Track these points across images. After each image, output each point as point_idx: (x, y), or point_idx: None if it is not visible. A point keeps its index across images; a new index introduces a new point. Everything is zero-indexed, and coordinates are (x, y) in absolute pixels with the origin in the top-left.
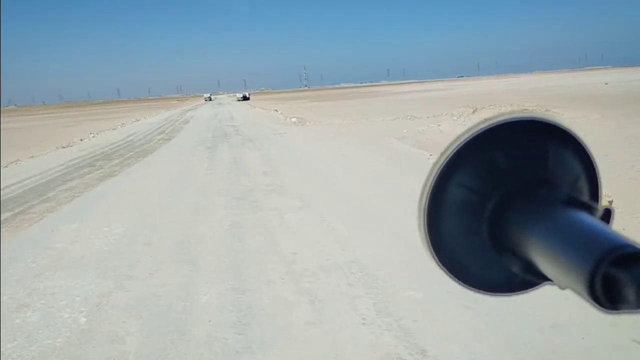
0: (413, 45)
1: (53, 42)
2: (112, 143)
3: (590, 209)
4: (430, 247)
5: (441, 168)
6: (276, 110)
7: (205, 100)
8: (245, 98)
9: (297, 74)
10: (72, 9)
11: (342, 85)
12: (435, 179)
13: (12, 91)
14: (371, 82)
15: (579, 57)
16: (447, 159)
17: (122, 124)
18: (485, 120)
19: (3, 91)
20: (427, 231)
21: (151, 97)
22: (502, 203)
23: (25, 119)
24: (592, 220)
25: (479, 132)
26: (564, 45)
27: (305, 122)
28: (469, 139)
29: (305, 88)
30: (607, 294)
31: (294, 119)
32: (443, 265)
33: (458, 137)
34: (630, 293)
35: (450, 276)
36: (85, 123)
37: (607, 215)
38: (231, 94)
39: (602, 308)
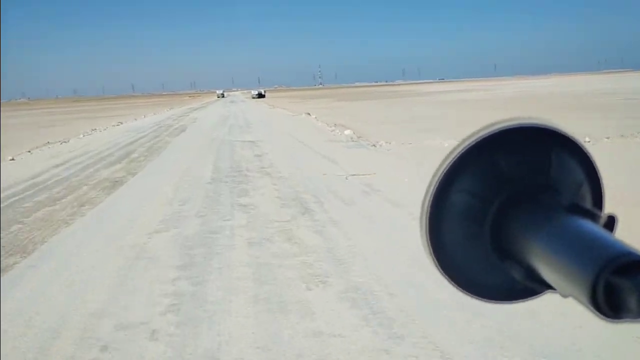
0: (426, 46)
1: (70, 36)
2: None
3: (593, 216)
4: (432, 252)
5: (444, 173)
6: (308, 114)
7: (218, 97)
8: (260, 95)
9: (310, 72)
10: (89, 4)
11: (357, 84)
12: (437, 184)
13: (28, 84)
14: (385, 81)
15: (597, 60)
16: (450, 164)
17: (92, 129)
18: (488, 126)
19: (18, 84)
20: (428, 237)
21: (164, 93)
22: (505, 209)
23: (12, 114)
24: (595, 228)
25: (482, 138)
26: (581, 48)
27: (379, 142)
28: (471, 144)
29: (320, 86)
30: (609, 303)
31: (347, 132)
32: (444, 271)
33: (461, 143)
34: (632, 301)
35: (451, 282)
36: (64, 123)
37: (610, 222)
38: (245, 91)
39: (604, 317)
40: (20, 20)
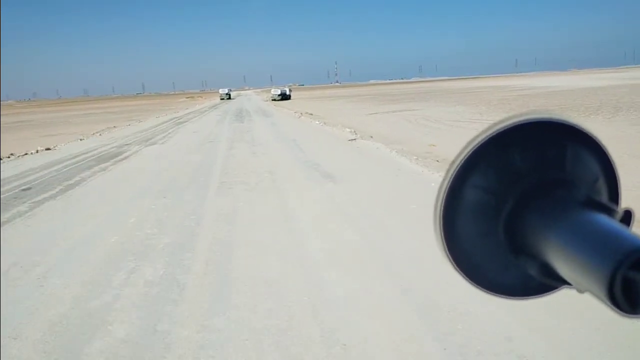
0: (443, 42)
1: (80, 35)
2: None
3: (610, 211)
4: (446, 248)
5: (457, 169)
6: None
7: (222, 99)
8: (284, 97)
9: (324, 69)
10: (100, 5)
11: (372, 81)
12: (451, 180)
13: (39, 85)
14: (401, 78)
15: (624, 53)
16: (464, 160)
17: None
18: (502, 120)
19: (29, 85)
20: (442, 232)
21: (171, 93)
22: (519, 204)
23: None
24: (611, 222)
25: (496, 133)
26: (603, 42)
27: None
28: (485, 139)
29: (337, 84)
30: (627, 298)
31: None
32: (458, 267)
33: (474, 138)
34: None
35: (465, 278)
36: None
37: (627, 217)
38: (258, 90)
39: (621, 312)
40: (28, 19)
